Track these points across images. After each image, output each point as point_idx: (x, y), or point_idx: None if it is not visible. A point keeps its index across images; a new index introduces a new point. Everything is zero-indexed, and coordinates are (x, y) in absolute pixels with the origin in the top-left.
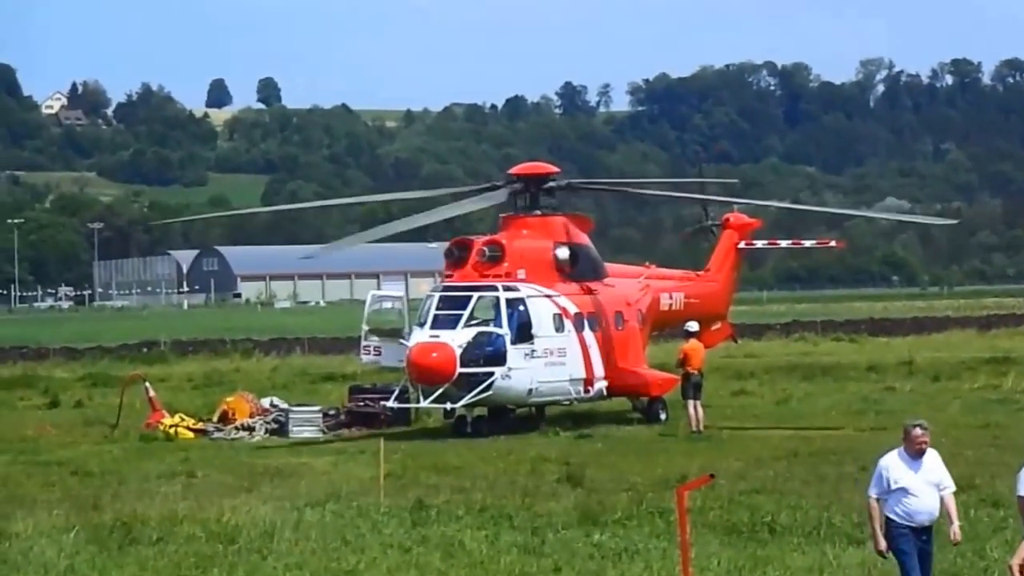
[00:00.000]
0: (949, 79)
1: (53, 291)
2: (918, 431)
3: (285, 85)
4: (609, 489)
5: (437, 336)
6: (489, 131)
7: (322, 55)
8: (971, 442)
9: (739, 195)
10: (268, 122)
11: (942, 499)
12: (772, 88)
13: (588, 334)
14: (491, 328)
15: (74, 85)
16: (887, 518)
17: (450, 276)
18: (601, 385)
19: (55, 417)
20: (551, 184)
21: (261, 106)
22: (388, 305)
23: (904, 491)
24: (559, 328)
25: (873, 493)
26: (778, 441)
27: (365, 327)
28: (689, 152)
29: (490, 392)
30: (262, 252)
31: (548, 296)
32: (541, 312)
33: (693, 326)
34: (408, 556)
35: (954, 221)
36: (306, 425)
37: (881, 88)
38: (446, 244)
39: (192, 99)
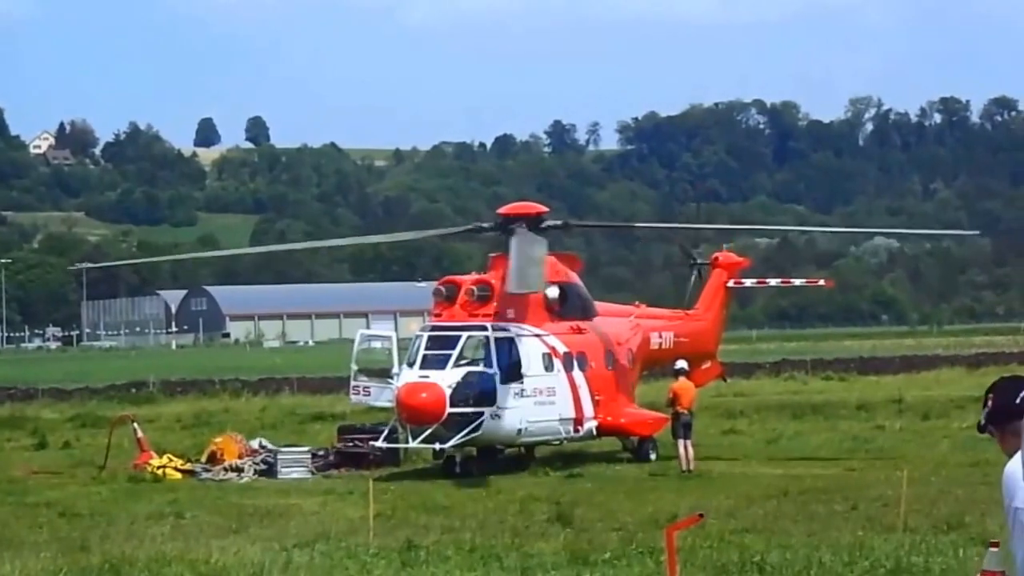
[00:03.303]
0: (938, 117)
1: (41, 331)
2: None
3: (274, 124)
4: (599, 529)
5: (427, 376)
6: (478, 169)
7: (311, 94)
8: (961, 480)
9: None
10: (257, 161)
11: None
12: (761, 127)
13: (578, 373)
14: (480, 368)
15: (62, 124)
16: None
17: (439, 316)
18: (591, 424)
19: (43, 458)
20: (543, 225)
21: (250, 145)
22: (377, 345)
23: None
24: (548, 367)
25: None
26: (768, 480)
27: (354, 367)
28: (678, 190)
29: (480, 432)
30: (251, 292)
31: (537, 335)
32: (530, 351)
33: (683, 365)
34: None
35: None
36: (295, 466)
37: (870, 126)
38: (435, 283)
39: (180, 138)
